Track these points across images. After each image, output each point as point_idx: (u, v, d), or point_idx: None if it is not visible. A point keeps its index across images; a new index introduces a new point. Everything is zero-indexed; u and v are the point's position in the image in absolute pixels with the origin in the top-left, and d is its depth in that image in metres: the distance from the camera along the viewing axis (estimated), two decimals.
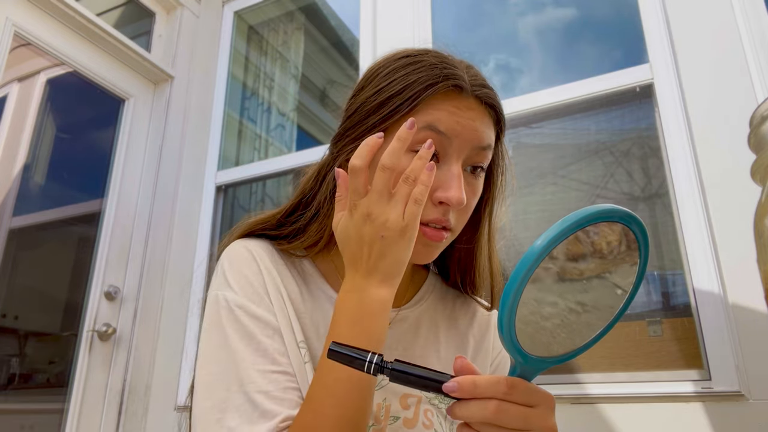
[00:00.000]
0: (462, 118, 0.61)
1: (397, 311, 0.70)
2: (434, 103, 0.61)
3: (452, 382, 0.43)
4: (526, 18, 2.07)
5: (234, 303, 0.61)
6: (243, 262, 0.64)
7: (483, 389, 0.42)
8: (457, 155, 0.60)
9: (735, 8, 1.52)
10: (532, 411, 0.43)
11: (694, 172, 1.47)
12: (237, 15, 2.66)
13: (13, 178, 1.94)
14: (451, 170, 0.60)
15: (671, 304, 1.51)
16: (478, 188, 0.65)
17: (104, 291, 2.04)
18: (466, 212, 0.64)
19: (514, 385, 0.42)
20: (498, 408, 0.42)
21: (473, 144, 0.61)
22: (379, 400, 0.63)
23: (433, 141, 0.58)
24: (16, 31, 1.88)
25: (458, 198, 0.58)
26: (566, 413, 1.41)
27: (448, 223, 0.60)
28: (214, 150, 2.43)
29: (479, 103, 0.63)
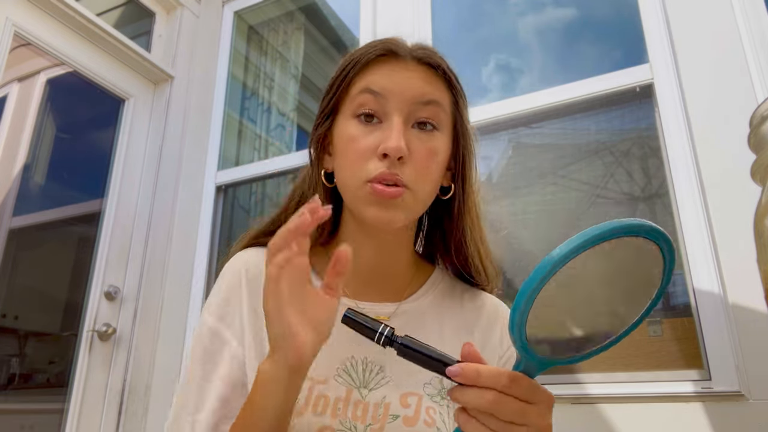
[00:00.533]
0: (397, 76, 0.64)
1: (397, 305, 0.70)
2: (370, 70, 0.65)
3: (456, 366, 0.44)
4: (526, 18, 2.07)
5: (207, 327, 0.65)
6: (227, 281, 0.68)
7: (484, 379, 0.43)
8: (397, 111, 0.63)
9: (735, 8, 1.52)
10: (530, 407, 0.44)
11: (694, 172, 1.47)
12: (237, 15, 2.66)
13: (13, 178, 1.94)
14: (391, 123, 0.62)
15: (671, 304, 1.51)
16: (435, 147, 0.64)
17: (104, 291, 2.04)
18: (423, 170, 0.63)
19: (515, 379, 0.43)
20: (496, 399, 0.43)
21: (412, 99, 0.63)
22: (378, 399, 0.62)
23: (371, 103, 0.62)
24: (16, 31, 1.88)
25: (396, 146, 0.60)
26: (566, 413, 1.41)
27: (396, 178, 0.61)
28: (214, 150, 2.43)
29: (419, 63, 0.66)
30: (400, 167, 0.61)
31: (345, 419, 0.61)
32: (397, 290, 0.72)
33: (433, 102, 0.64)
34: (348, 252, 0.50)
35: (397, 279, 0.72)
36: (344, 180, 0.65)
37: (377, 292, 0.70)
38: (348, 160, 0.64)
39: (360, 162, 0.62)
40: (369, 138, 0.63)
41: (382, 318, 0.68)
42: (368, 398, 0.63)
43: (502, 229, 1.78)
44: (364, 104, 0.64)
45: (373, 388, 0.64)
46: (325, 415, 0.60)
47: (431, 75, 0.66)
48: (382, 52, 0.65)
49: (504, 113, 1.84)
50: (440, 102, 0.65)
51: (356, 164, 0.63)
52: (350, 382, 0.64)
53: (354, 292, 0.70)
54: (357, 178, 0.62)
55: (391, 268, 0.71)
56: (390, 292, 0.71)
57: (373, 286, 0.70)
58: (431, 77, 0.66)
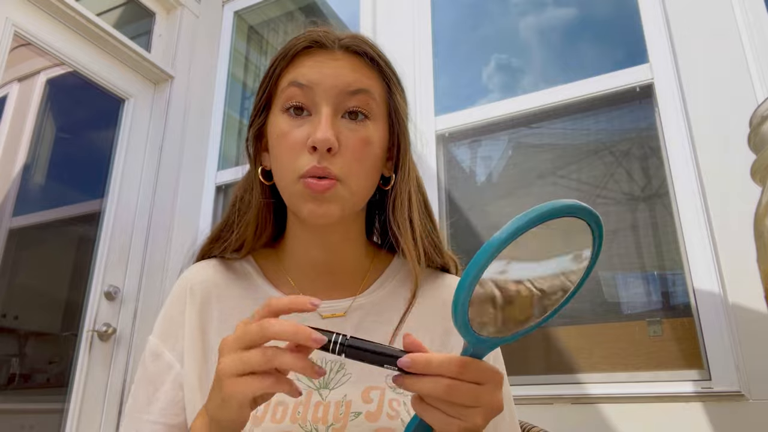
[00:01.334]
0: (323, 67, 0.63)
1: (352, 300, 0.68)
2: (296, 63, 0.64)
3: (406, 357, 0.45)
4: (525, 18, 2.07)
5: (150, 349, 0.68)
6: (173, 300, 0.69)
7: (435, 367, 0.44)
8: (324, 102, 0.61)
9: (735, 8, 1.52)
10: (481, 388, 0.45)
11: (694, 172, 1.47)
12: (237, 15, 2.66)
13: (13, 178, 1.94)
14: (319, 115, 0.61)
15: (671, 304, 1.51)
16: (367, 136, 0.63)
17: (104, 291, 2.04)
18: (355, 160, 0.62)
19: (465, 364, 0.44)
20: (449, 386, 0.44)
21: (340, 89, 0.62)
22: (339, 398, 0.62)
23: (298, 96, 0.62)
24: (16, 31, 1.88)
25: (322, 137, 0.59)
26: (566, 413, 1.41)
27: (327, 171, 0.59)
28: (214, 150, 2.43)
29: (346, 52, 0.65)
30: (330, 159, 0.60)
31: (305, 423, 0.60)
32: (352, 284, 0.70)
33: (361, 90, 0.63)
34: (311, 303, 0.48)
35: (350, 273, 0.71)
36: (279, 177, 0.64)
37: (331, 289, 0.69)
38: (280, 156, 0.63)
39: (292, 157, 0.61)
40: (299, 131, 0.62)
41: (338, 315, 0.67)
42: (329, 398, 0.62)
43: None
44: (291, 97, 0.63)
45: (334, 388, 0.63)
46: (284, 421, 0.60)
47: (360, 63, 0.65)
48: (308, 44, 0.64)
49: (504, 113, 1.84)
50: (369, 90, 0.64)
51: (288, 160, 0.62)
52: (310, 384, 0.63)
53: (307, 293, 0.69)
54: (290, 173, 0.61)
55: (341, 263, 0.70)
56: (344, 287, 0.70)
57: (325, 283, 0.69)
58: (359, 65, 0.64)
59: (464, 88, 2.09)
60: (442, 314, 0.70)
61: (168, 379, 0.65)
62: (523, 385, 1.50)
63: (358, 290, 0.70)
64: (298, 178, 0.61)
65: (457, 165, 1.95)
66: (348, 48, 0.65)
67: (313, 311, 0.48)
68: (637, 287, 1.56)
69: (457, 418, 0.45)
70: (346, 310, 0.68)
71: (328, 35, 0.65)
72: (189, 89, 2.46)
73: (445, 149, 1.95)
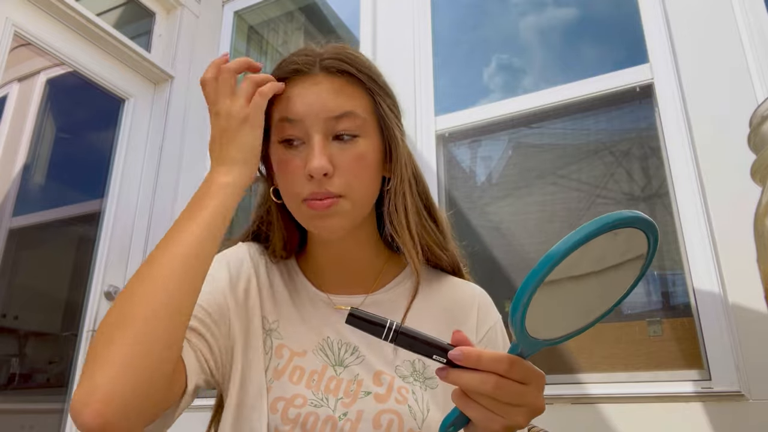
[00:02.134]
0: (307, 97, 0.66)
1: (365, 296, 0.73)
2: (283, 94, 0.68)
3: (458, 350, 0.46)
4: (525, 18, 2.07)
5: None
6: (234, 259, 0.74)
7: (485, 363, 0.45)
8: (315, 130, 0.65)
9: (735, 8, 1.52)
10: (526, 388, 0.46)
11: (694, 172, 1.47)
12: (237, 15, 2.66)
13: (13, 178, 1.94)
14: (311, 144, 0.64)
15: (671, 304, 1.51)
16: (360, 152, 0.66)
17: (104, 291, 2.04)
18: (353, 177, 0.65)
19: (514, 363, 0.46)
20: (498, 383, 0.45)
21: (325, 116, 0.65)
22: (351, 376, 0.66)
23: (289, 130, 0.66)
24: (16, 31, 1.88)
25: (317, 165, 0.62)
26: (566, 413, 1.41)
27: (327, 193, 0.64)
28: None
29: (328, 74, 0.67)
30: (328, 182, 0.64)
31: (318, 391, 0.64)
32: (365, 282, 0.74)
33: (346, 114, 0.65)
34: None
35: (364, 272, 0.75)
36: (286, 200, 0.69)
37: (347, 286, 0.74)
38: (283, 182, 0.68)
39: (293, 184, 0.65)
40: (296, 161, 0.65)
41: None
42: (342, 375, 0.66)
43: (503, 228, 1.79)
44: (284, 131, 0.66)
45: (348, 366, 0.67)
46: (300, 384, 0.65)
47: (342, 84, 0.67)
48: (288, 75, 0.68)
49: (504, 113, 1.84)
50: (353, 111, 0.66)
51: (290, 186, 0.66)
52: (326, 360, 0.68)
53: (324, 286, 0.74)
54: (294, 198, 0.66)
55: (355, 263, 0.74)
56: (359, 284, 0.74)
57: (342, 280, 0.74)
58: (342, 86, 0.67)
59: (464, 88, 2.09)
60: (446, 320, 0.73)
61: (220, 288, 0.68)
62: None
63: (372, 288, 0.74)
64: (302, 201, 0.65)
65: (457, 165, 1.95)
66: (328, 69, 0.67)
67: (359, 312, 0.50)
68: (637, 287, 1.56)
69: (500, 416, 0.46)
70: (359, 305, 0.72)
71: (311, 59, 0.67)
72: (189, 89, 2.46)
73: (445, 149, 1.95)
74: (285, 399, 0.63)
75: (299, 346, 0.68)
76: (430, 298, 0.74)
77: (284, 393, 0.64)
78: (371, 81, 0.69)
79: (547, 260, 0.41)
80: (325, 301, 0.73)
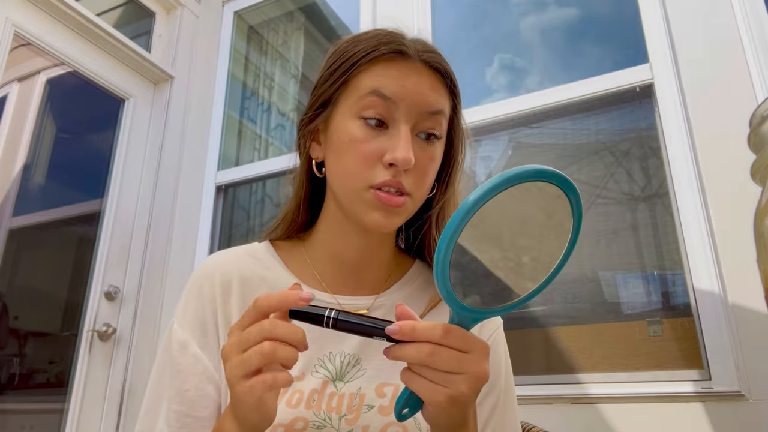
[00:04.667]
0: (407, 82, 0.62)
1: (374, 298, 0.70)
2: (378, 69, 0.63)
3: (394, 325, 0.46)
4: (525, 18, 2.07)
5: (176, 339, 0.66)
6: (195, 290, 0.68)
7: (419, 332, 0.46)
8: (405, 119, 0.62)
9: (735, 8, 1.52)
10: (465, 356, 0.46)
11: (694, 172, 1.47)
12: (237, 15, 2.66)
13: (13, 178, 1.94)
14: (398, 131, 0.61)
15: (671, 304, 1.51)
16: (435, 155, 0.65)
17: (104, 291, 2.04)
18: (422, 177, 0.64)
19: (449, 330, 0.46)
20: (432, 351, 0.45)
21: (420, 108, 0.62)
22: (353, 390, 0.64)
23: (379, 107, 0.61)
24: (16, 31, 1.88)
25: (405, 157, 0.59)
26: (566, 413, 1.41)
27: (401, 186, 0.61)
28: (214, 150, 2.43)
29: (427, 67, 0.64)
30: (403, 175, 0.61)
31: (319, 411, 0.61)
32: (375, 284, 0.72)
33: (438, 112, 0.64)
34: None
35: (375, 273, 0.72)
36: (343, 181, 0.64)
37: (355, 286, 0.71)
38: (350, 162, 0.62)
39: (363, 167, 0.61)
40: (374, 143, 0.61)
41: (361, 311, 0.68)
42: (343, 390, 0.64)
43: None
44: (372, 107, 0.62)
45: (349, 381, 0.65)
46: (299, 407, 0.62)
47: (438, 81, 0.65)
48: (392, 51, 0.63)
49: (504, 113, 1.84)
50: (444, 112, 0.65)
51: (359, 168, 0.62)
52: (326, 374, 0.64)
53: (332, 287, 0.70)
54: (360, 182, 0.62)
55: (371, 263, 0.72)
56: (368, 285, 0.72)
57: (350, 279, 0.71)
58: (438, 84, 0.65)
59: (464, 88, 2.08)
60: None
61: (197, 372, 0.64)
62: (523, 385, 1.50)
63: (381, 289, 0.72)
64: (369, 187, 0.61)
65: None
66: (428, 63, 0.64)
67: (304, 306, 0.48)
68: (637, 287, 1.56)
69: (441, 386, 0.46)
70: (368, 307, 0.69)
71: (410, 44, 0.64)
72: (189, 89, 2.46)
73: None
74: (284, 425, 0.60)
75: (297, 370, 0.64)
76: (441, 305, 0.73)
77: (282, 419, 0.60)
78: (456, 87, 0.68)
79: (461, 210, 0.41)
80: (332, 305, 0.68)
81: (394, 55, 0.63)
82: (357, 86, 0.63)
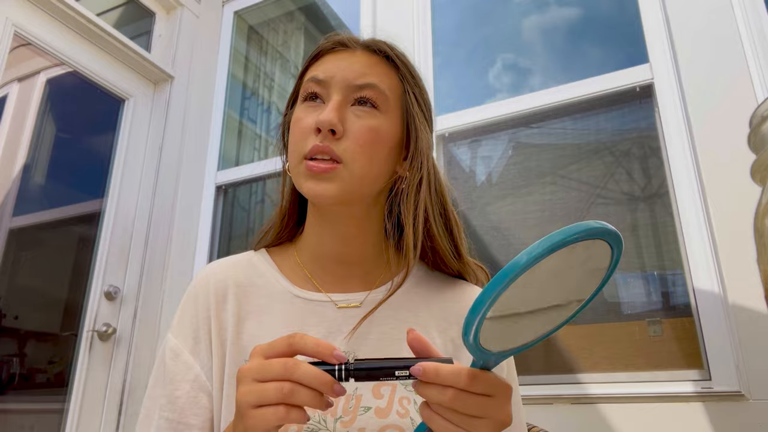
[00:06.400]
0: (340, 62, 0.68)
1: (366, 294, 0.70)
2: (321, 62, 0.70)
3: (417, 366, 0.45)
4: (525, 18, 2.07)
5: (169, 347, 0.67)
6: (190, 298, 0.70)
7: (443, 377, 0.44)
8: (336, 92, 0.66)
9: (735, 8, 1.52)
10: (489, 400, 0.45)
11: (694, 172, 1.47)
12: (237, 15, 2.66)
13: (13, 178, 1.94)
14: (329, 102, 0.65)
15: (671, 304, 1.51)
16: (372, 122, 0.65)
17: (104, 291, 2.04)
18: (361, 145, 0.64)
19: (474, 376, 0.45)
20: (456, 396, 0.44)
21: (350, 81, 0.66)
22: (349, 391, 0.63)
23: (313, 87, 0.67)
24: (16, 31, 1.88)
25: (326, 118, 0.62)
26: (566, 413, 1.41)
27: (328, 150, 0.63)
28: (214, 150, 2.43)
29: (366, 50, 0.69)
30: (335, 142, 0.63)
31: (314, 413, 0.61)
32: (366, 279, 0.72)
33: (370, 85, 0.66)
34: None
35: (365, 267, 0.72)
36: (290, 162, 0.68)
37: (345, 281, 0.71)
38: (292, 140, 0.67)
39: (300, 140, 0.65)
40: (310, 117, 0.66)
41: (353, 306, 0.69)
42: None
43: (503, 228, 1.79)
44: (308, 89, 0.68)
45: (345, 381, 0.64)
46: None
47: (375, 60, 0.69)
48: (333, 45, 0.70)
49: (504, 113, 1.84)
50: (378, 85, 0.67)
51: (297, 143, 0.66)
52: None
53: (324, 286, 0.70)
54: (297, 155, 0.65)
55: (356, 255, 0.71)
56: (359, 280, 0.71)
57: (340, 275, 0.71)
58: (374, 63, 0.69)
59: (464, 88, 2.09)
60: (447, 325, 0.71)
61: (188, 379, 0.65)
62: (523, 385, 1.50)
63: (374, 285, 0.72)
64: (303, 158, 0.64)
65: (457, 165, 1.95)
66: (367, 47, 0.70)
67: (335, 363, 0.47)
68: (637, 287, 1.56)
69: (462, 428, 0.45)
70: (361, 302, 0.69)
71: (355, 38, 0.71)
72: (189, 89, 2.46)
73: (445, 149, 1.95)
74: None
75: None
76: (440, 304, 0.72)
77: None
78: (405, 68, 0.71)
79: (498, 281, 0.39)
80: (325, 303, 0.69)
81: (336, 47, 0.70)
82: (305, 80, 0.70)
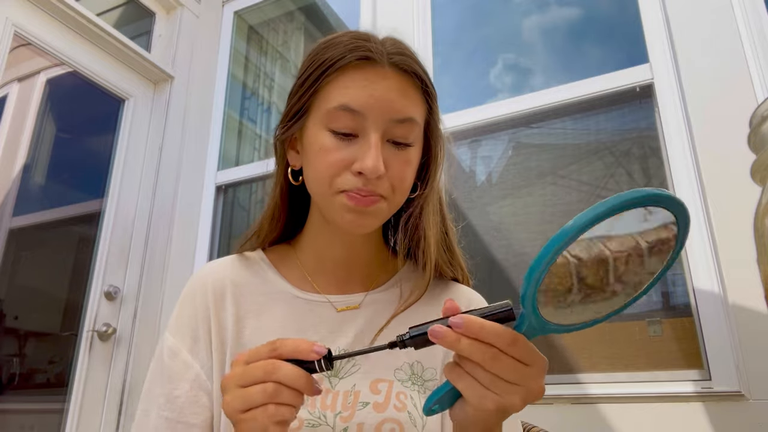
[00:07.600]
0: (375, 90, 0.61)
1: (365, 295, 0.71)
2: (346, 79, 0.62)
3: (459, 317, 0.42)
4: (525, 18, 2.07)
5: (167, 346, 0.67)
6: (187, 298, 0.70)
7: (487, 333, 0.42)
8: (374, 127, 0.61)
9: (735, 8, 1.52)
10: (527, 368, 0.43)
11: (694, 172, 1.47)
12: (237, 15, 2.66)
13: (13, 178, 1.94)
14: (368, 141, 0.60)
15: (671, 304, 1.51)
16: (409, 158, 0.64)
17: (104, 291, 2.04)
18: (399, 182, 0.63)
19: (517, 339, 0.43)
20: (497, 355, 0.42)
21: (390, 116, 0.61)
22: (348, 387, 0.63)
23: (346, 120, 0.60)
24: (16, 31, 1.88)
25: (373, 167, 0.59)
26: (566, 413, 1.41)
27: (372, 192, 0.61)
28: (214, 150, 2.43)
29: (396, 71, 0.63)
30: (375, 182, 0.61)
31: (314, 409, 0.61)
32: (364, 281, 0.72)
33: (409, 120, 0.63)
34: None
35: (364, 269, 0.73)
36: (315, 188, 0.65)
37: (345, 283, 0.72)
38: (320, 169, 0.62)
39: (332, 174, 0.61)
40: (343, 152, 0.61)
41: (353, 307, 0.69)
42: (338, 387, 0.64)
43: (503, 228, 1.79)
44: (339, 120, 0.61)
45: (343, 377, 0.64)
46: None
47: (408, 85, 0.64)
48: (358, 58, 0.62)
49: (504, 113, 1.84)
50: (416, 117, 0.64)
51: (328, 175, 0.62)
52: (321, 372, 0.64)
53: (322, 287, 0.71)
54: (329, 188, 0.62)
55: (357, 261, 0.72)
56: (358, 282, 0.72)
57: (340, 277, 0.72)
58: (408, 88, 0.64)
59: (464, 88, 2.09)
60: None
61: (187, 378, 0.65)
62: None
63: (371, 286, 0.72)
64: (338, 192, 0.62)
65: (457, 165, 1.95)
66: (397, 65, 0.63)
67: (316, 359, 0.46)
68: None
69: (495, 393, 0.43)
70: (360, 303, 0.70)
71: (378, 48, 0.63)
72: (189, 89, 2.46)
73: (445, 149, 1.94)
74: None
75: None
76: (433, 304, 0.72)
77: None
78: (430, 87, 0.67)
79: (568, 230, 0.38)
80: (324, 304, 0.70)
81: (362, 61, 0.62)
82: (326, 97, 0.63)
